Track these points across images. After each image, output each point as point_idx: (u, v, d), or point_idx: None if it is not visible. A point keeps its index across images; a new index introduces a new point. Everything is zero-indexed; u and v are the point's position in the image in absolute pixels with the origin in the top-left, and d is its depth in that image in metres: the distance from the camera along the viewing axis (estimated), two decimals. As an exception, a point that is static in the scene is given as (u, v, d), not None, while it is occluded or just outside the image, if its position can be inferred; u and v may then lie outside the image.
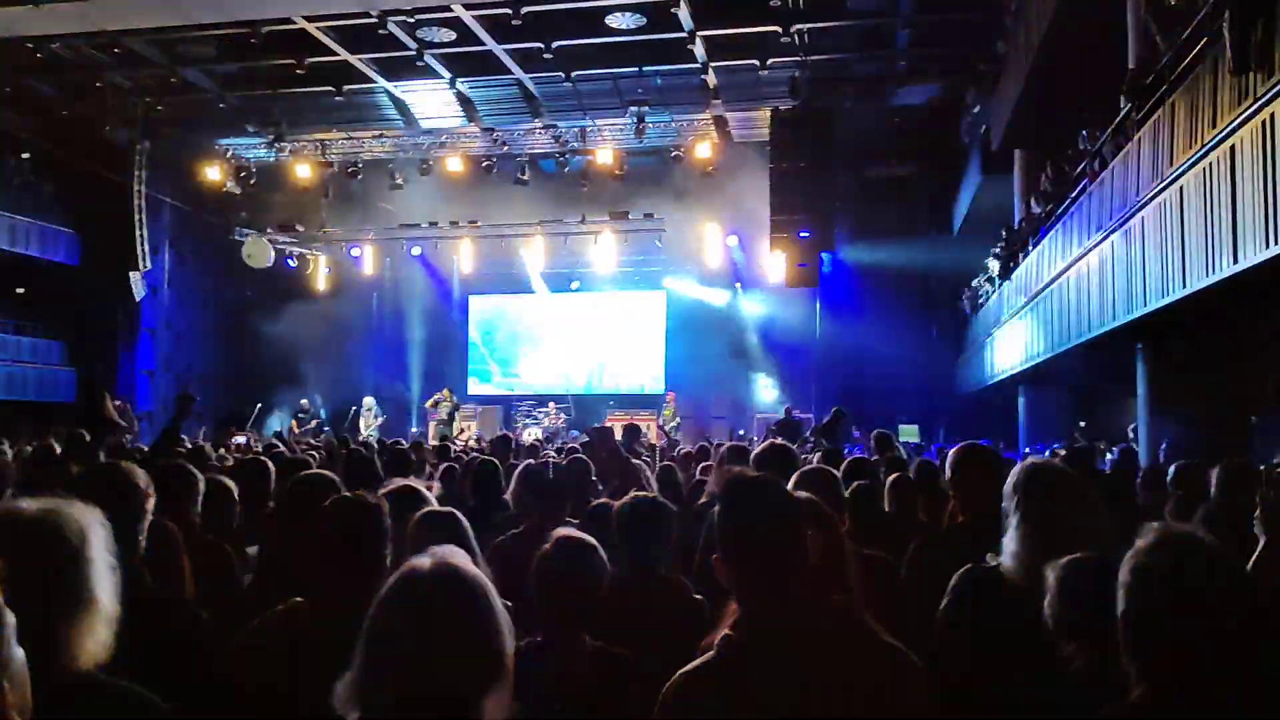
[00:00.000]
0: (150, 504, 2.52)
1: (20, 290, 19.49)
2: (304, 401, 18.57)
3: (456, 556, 1.60)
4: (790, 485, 2.73)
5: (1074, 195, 10.53)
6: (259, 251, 13.39)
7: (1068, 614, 2.24)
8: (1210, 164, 6.45)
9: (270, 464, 4.95)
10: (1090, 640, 2.20)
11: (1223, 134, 6.21)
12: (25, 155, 18.14)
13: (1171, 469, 5.62)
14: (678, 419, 18.19)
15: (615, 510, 3.40)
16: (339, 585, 2.30)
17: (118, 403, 7.41)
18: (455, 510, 2.96)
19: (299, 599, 2.44)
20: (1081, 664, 2.22)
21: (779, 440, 5.03)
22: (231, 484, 4.24)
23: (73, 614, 1.67)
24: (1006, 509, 2.63)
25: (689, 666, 1.93)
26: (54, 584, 1.65)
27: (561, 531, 2.76)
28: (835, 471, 3.94)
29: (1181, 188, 7.01)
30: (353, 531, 2.43)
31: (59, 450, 6.82)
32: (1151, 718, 1.76)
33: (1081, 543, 2.33)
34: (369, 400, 18.97)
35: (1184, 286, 6.98)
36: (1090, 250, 9.49)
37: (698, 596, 3.18)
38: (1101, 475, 7.61)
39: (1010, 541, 2.56)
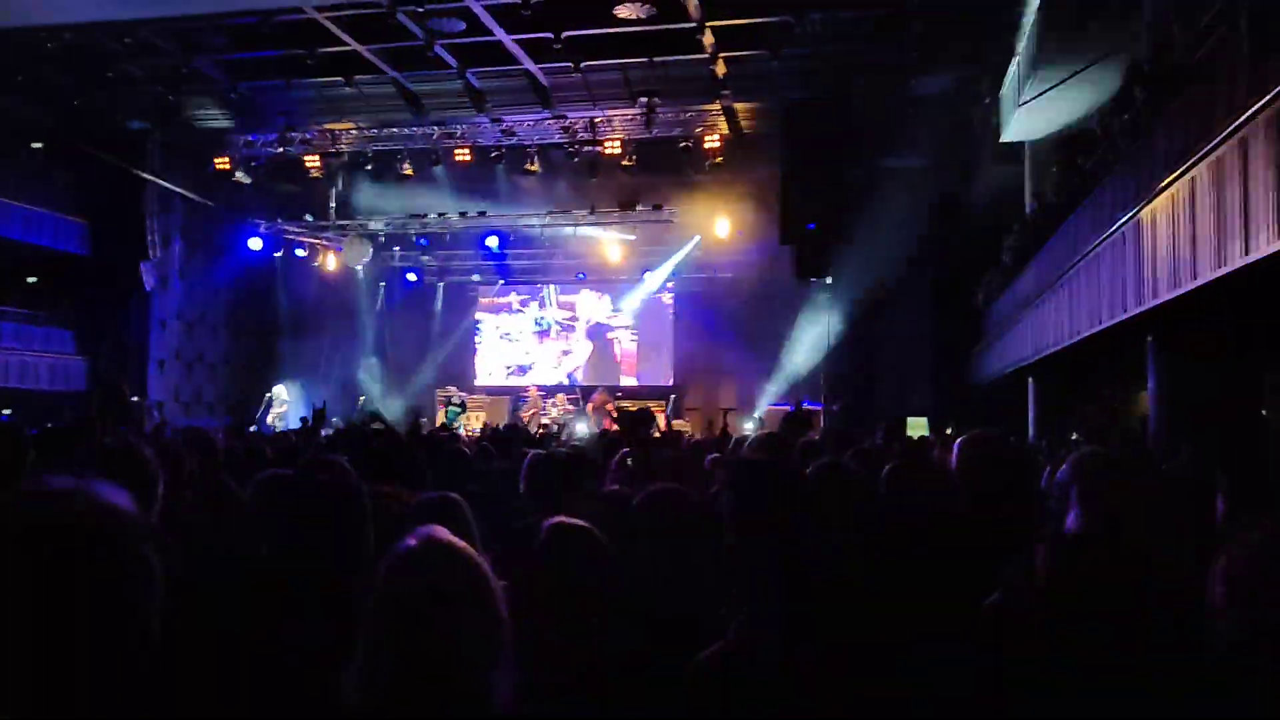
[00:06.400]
0: (160, 485, 2.53)
1: (32, 279, 19.56)
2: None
3: (442, 532, 1.60)
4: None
5: (1085, 186, 10.46)
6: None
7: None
8: (1223, 154, 6.40)
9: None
10: None
11: (1238, 124, 6.16)
12: (38, 145, 18.17)
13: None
14: (533, 412, 18.69)
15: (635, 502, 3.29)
16: (314, 568, 2.29)
17: (135, 399, 7.37)
18: (457, 495, 2.91)
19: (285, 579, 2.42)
20: None
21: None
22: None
23: None
24: (1059, 500, 2.60)
25: (703, 654, 1.91)
26: None
27: (554, 520, 2.71)
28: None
29: (1194, 178, 6.96)
30: (321, 514, 2.41)
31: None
32: None
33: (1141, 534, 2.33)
34: (279, 389, 18.87)
35: (1194, 278, 6.94)
36: (1102, 241, 9.43)
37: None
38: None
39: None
